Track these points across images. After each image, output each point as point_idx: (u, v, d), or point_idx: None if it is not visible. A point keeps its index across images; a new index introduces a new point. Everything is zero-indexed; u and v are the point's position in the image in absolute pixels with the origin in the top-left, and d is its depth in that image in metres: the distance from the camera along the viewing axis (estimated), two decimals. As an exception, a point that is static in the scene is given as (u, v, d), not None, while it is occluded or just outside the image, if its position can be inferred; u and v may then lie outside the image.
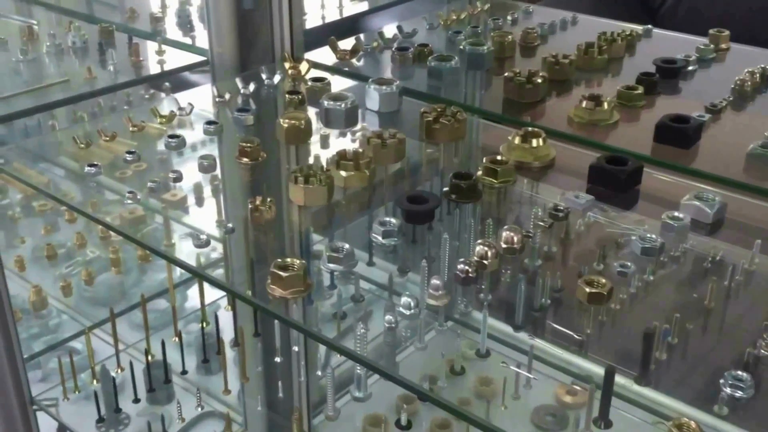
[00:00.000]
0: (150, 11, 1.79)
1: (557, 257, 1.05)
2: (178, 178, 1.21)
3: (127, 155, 1.26)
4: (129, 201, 1.17)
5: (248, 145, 1.25)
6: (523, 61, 1.62)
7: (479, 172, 1.20)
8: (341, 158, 1.19)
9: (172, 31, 1.77)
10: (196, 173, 1.24)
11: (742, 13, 2.54)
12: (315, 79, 1.48)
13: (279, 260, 0.99)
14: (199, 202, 1.21)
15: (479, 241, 1.01)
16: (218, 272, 1.13)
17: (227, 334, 1.61)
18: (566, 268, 1.05)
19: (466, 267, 0.98)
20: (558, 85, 1.47)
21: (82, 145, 1.30)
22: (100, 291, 1.87)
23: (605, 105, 1.34)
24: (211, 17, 1.57)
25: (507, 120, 1.38)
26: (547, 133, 1.30)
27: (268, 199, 1.11)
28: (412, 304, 0.92)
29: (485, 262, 1.00)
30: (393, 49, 1.59)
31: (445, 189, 1.17)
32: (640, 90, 1.40)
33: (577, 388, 1.06)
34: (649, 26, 1.70)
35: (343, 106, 1.34)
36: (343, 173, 1.17)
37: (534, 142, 1.25)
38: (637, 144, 1.29)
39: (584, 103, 1.35)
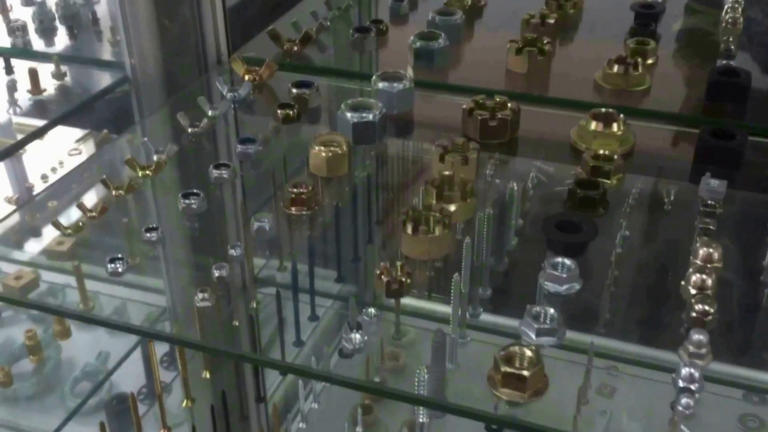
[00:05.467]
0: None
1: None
2: (237, 256, 0.87)
3: (148, 234, 0.90)
4: (204, 303, 0.82)
5: (302, 191, 0.94)
6: (483, 26, 1.40)
7: (580, 173, 1.00)
8: (438, 188, 0.93)
9: (37, 42, 1.34)
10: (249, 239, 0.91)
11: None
12: (300, 85, 1.16)
13: (502, 352, 0.73)
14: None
15: (692, 269, 0.82)
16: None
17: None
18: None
19: (705, 306, 0.78)
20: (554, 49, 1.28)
21: (69, 231, 0.91)
22: (25, 388, 1.43)
23: (639, 68, 1.18)
24: (128, 22, 1.18)
25: (545, 101, 1.17)
26: (583, 107, 1.13)
27: (399, 264, 0.83)
28: (696, 375, 0.71)
29: (708, 292, 0.81)
30: (351, 30, 1.31)
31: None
32: (653, 44, 1.25)
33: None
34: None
35: (372, 117, 1.06)
36: (450, 207, 0.91)
37: (615, 126, 1.06)
38: (689, 105, 1.15)
39: (615, 68, 1.18)
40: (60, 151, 1.53)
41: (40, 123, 1.14)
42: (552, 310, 0.77)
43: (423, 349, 0.79)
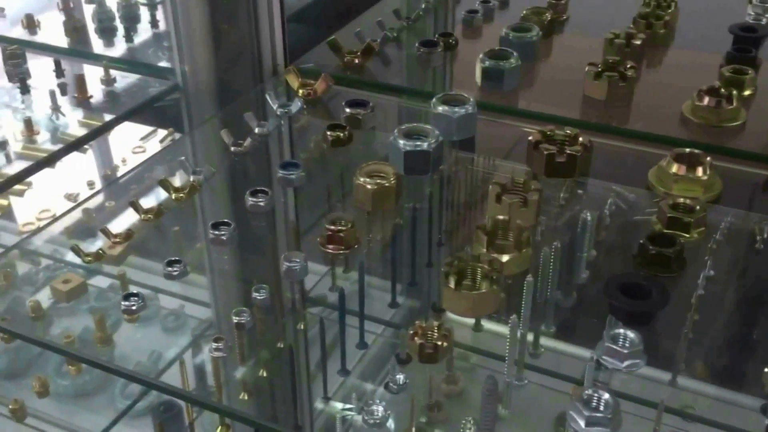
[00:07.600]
0: (62, 18, 1.28)
1: None
2: (263, 306, 0.79)
3: (170, 268, 0.82)
4: (218, 353, 0.74)
5: (340, 228, 0.85)
6: (562, 44, 1.28)
7: (654, 222, 0.88)
8: (490, 235, 0.82)
9: (97, 44, 1.28)
10: (276, 280, 0.83)
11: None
12: (353, 104, 1.06)
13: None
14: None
15: (778, 354, 0.70)
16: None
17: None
18: None
19: (791, 403, 0.66)
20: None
21: (89, 258, 0.84)
22: (77, 385, 1.38)
23: (734, 100, 1.04)
24: (179, 26, 1.11)
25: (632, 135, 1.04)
26: (666, 142, 1.00)
27: (436, 324, 0.73)
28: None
29: (796, 384, 0.68)
30: (416, 44, 1.20)
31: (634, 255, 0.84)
32: (751, 73, 1.11)
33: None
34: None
35: (426, 145, 0.95)
36: (502, 257, 0.80)
37: (700, 170, 0.93)
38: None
39: (706, 100, 1.05)
40: (125, 148, 1.48)
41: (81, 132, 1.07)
42: (607, 395, 0.66)
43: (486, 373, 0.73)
